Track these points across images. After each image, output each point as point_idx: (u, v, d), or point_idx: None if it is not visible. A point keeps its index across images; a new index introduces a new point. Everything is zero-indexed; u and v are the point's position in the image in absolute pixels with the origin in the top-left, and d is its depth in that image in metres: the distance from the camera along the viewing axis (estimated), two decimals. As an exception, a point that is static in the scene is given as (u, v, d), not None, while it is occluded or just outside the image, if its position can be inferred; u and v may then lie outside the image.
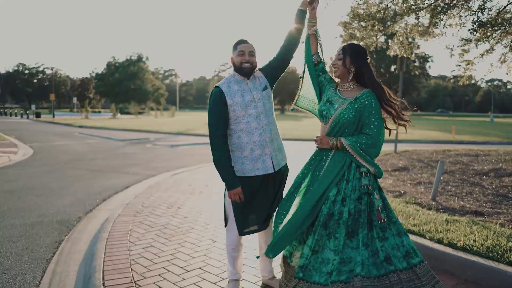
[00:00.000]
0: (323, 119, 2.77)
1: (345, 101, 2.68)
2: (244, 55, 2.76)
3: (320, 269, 2.55)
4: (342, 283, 2.45)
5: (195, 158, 11.72)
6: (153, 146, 15.56)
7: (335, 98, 2.74)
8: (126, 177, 8.28)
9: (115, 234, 4.40)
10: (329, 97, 2.77)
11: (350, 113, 2.64)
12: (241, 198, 2.77)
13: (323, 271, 2.54)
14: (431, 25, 6.19)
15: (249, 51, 2.77)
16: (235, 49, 2.81)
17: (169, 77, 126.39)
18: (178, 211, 5.45)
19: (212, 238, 4.33)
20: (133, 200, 6.08)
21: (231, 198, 2.79)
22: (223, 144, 2.75)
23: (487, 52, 9.81)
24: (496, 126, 36.08)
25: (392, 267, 2.50)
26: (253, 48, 2.82)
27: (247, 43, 2.79)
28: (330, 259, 2.54)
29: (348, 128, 2.66)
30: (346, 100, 2.69)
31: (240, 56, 2.76)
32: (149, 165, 10.16)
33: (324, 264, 2.55)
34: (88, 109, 46.07)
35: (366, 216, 2.57)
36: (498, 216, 4.54)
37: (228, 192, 2.79)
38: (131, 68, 70.86)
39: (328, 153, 2.73)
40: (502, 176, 6.87)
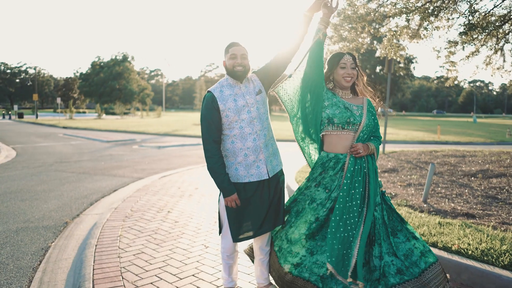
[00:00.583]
0: (348, 126, 2.66)
1: (360, 108, 2.73)
2: (236, 58, 2.69)
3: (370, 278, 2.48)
4: None
5: (183, 160, 11.60)
6: (139, 147, 15.36)
7: (348, 105, 2.72)
8: (113, 180, 8.12)
9: (104, 240, 4.29)
10: (344, 104, 2.72)
11: (372, 119, 2.74)
12: (237, 204, 2.72)
13: (372, 279, 2.47)
14: (421, 27, 6.22)
15: (241, 54, 2.70)
16: (227, 52, 2.74)
17: (155, 77, 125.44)
18: (168, 215, 5.35)
19: (204, 243, 4.25)
20: (121, 204, 5.95)
21: (228, 204, 2.73)
22: (216, 151, 2.69)
23: (473, 54, 9.95)
24: (479, 127, 36.74)
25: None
26: (246, 51, 2.75)
27: (239, 45, 2.73)
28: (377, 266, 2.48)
29: (371, 133, 2.75)
30: (360, 107, 2.74)
31: (232, 59, 2.70)
32: (137, 167, 10.01)
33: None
34: (72, 110, 45.33)
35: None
36: (489, 218, 4.56)
37: (224, 199, 2.73)
38: (116, 68, 69.99)
39: (363, 159, 2.64)
40: (490, 177, 6.94)
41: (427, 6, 5.65)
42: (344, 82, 2.74)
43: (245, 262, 3.73)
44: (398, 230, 2.63)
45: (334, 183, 2.63)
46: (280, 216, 2.83)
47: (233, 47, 2.71)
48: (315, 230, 2.60)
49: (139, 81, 74.35)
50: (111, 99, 68.94)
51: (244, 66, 2.71)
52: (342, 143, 2.67)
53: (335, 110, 2.68)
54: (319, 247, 2.57)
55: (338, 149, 2.68)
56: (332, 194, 2.62)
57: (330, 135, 2.70)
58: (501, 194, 5.75)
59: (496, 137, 24.16)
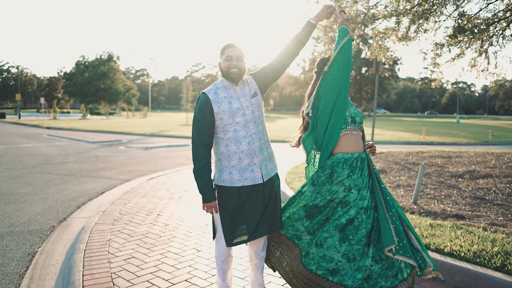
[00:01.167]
0: (356, 125, 2.71)
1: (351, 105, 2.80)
2: (231, 60, 2.65)
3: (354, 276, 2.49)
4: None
5: (171, 161, 11.49)
6: (126, 148, 15.16)
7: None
8: (100, 182, 7.99)
9: (93, 244, 4.19)
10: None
11: None
12: (215, 212, 2.73)
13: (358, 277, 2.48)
14: (410, 29, 6.27)
15: (236, 56, 2.66)
16: (222, 54, 2.70)
17: (141, 77, 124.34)
18: (158, 218, 5.27)
19: (196, 247, 4.19)
20: (109, 207, 5.84)
21: (205, 210, 2.73)
22: (205, 155, 2.65)
23: (458, 56, 10.10)
24: (463, 127, 37.36)
25: None
26: (242, 53, 2.71)
27: (235, 47, 2.69)
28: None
29: None
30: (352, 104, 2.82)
31: (227, 61, 2.66)
32: (124, 168, 9.87)
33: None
34: (56, 110, 44.61)
35: None
36: (478, 219, 4.61)
37: (203, 204, 2.70)
38: (102, 68, 69.07)
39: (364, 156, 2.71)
40: (476, 178, 7.04)
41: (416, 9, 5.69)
42: None
43: (239, 266, 3.69)
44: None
45: (363, 182, 2.60)
46: (277, 221, 2.79)
47: (229, 49, 2.67)
48: (350, 233, 2.52)
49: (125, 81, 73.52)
50: (96, 99, 68.02)
51: (239, 68, 2.67)
52: (358, 142, 2.70)
53: (355, 109, 2.73)
54: (355, 252, 2.49)
55: (357, 148, 2.68)
56: (362, 192, 2.57)
57: (348, 135, 2.67)
58: (489, 195, 5.83)
59: (480, 137, 24.61)
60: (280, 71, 2.86)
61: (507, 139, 24.12)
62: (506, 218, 4.65)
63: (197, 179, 2.66)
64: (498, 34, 9.01)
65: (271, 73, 2.84)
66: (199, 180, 2.65)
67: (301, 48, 2.87)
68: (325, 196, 2.62)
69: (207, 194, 2.66)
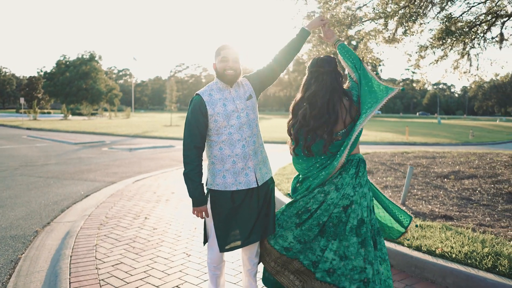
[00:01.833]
0: None
1: None
2: (227, 62, 2.60)
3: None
4: None
5: (156, 163, 11.34)
6: (109, 149, 14.92)
7: None
8: (84, 184, 7.81)
9: (79, 250, 4.07)
10: None
11: None
12: (206, 216, 2.67)
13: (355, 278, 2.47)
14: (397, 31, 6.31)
15: (233, 57, 2.61)
16: (218, 55, 2.64)
17: (123, 77, 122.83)
18: (145, 221, 5.17)
19: (186, 251, 4.11)
20: (95, 210, 5.71)
21: (195, 214, 2.67)
22: (196, 158, 2.59)
23: (441, 58, 10.26)
24: (444, 128, 38.07)
25: None
26: (238, 54, 2.67)
27: (231, 48, 2.63)
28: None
29: None
30: None
31: (223, 62, 2.61)
32: (108, 170, 9.68)
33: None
34: (36, 110, 43.63)
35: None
36: (466, 220, 4.66)
37: (193, 208, 2.64)
38: (83, 67, 67.90)
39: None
40: (462, 179, 7.14)
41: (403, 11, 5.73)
42: None
43: (231, 271, 3.63)
44: None
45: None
46: (270, 226, 2.75)
47: (225, 50, 2.61)
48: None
49: (107, 81, 72.47)
50: (78, 99, 66.83)
51: (235, 70, 2.62)
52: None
53: None
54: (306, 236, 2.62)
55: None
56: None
57: None
58: (475, 196, 5.91)
59: (461, 138, 25.11)
60: (275, 75, 2.86)
61: (487, 139, 24.68)
62: (493, 219, 4.72)
63: (188, 182, 2.59)
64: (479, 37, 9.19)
65: (266, 77, 2.82)
66: (189, 183, 2.59)
67: (295, 53, 2.92)
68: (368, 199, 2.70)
69: (198, 198, 2.59)
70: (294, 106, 2.79)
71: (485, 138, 25.56)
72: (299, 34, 2.86)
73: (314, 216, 2.59)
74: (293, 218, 2.68)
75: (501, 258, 3.29)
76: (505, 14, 9.16)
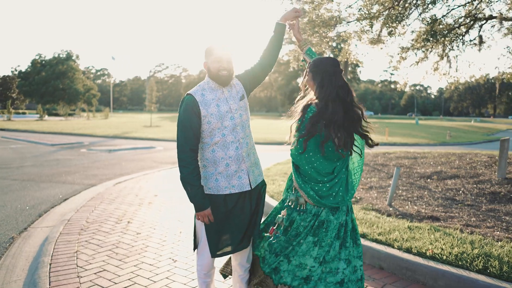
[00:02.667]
0: None
1: None
2: (221, 62, 2.50)
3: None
4: None
5: (137, 164, 11.09)
6: (88, 151, 14.54)
7: None
8: (63, 187, 7.55)
9: (60, 257, 3.89)
10: None
11: None
12: (210, 220, 2.52)
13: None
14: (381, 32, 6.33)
15: (227, 57, 2.52)
16: (210, 55, 2.53)
17: (101, 77, 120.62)
18: (128, 226, 5.00)
19: (171, 257, 3.98)
20: (74, 214, 5.50)
21: (199, 220, 2.52)
22: (192, 161, 2.47)
23: (422, 60, 10.40)
24: (422, 128, 38.78)
25: None
26: (231, 54, 2.58)
27: (225, 49, 2.54)
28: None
29: None
30: None
31: (217, 62, 2.50)
32: (87, 172, 9.41)
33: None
34: (10, 110, 42.35)
35: None
36: (453, 221, 4.69)
37: (196, 213, 2.51)
38: (60, 67, 66.28)
39: None
40: (444, 179, 7.21)
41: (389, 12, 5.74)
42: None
43: (219, 276, 3.52)
44: None
45: None
46: (257, 230, 2.67)
47: (218, 50, 2.51)
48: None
49: (85, 80, 70.95)
50: (54, 100, 65.17)
51: (229, 71, 2.53)
52: None
53: None
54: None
55: None
56: None
57: None
58: (458, 196, 5.97)
59: (438, 138, 25.63)
60: (264, 73, 2.81)
61: (463, 140, 25.27)
62: (478, 219, 4.75)
63: (186, 186, 2.47)
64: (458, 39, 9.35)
65: (255, 76, 2.76)
66: (188, 187, 2.46)
67: (278, 49, 2.86)
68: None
69: (200, 202, 2.46)
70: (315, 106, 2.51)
71: (462, 139, 26.16)
72: (275, 30, 2.80)
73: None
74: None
75: (492, 259, 3.29)
76: (483, 17, 9.35)
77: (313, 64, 2.56)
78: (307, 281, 2.44)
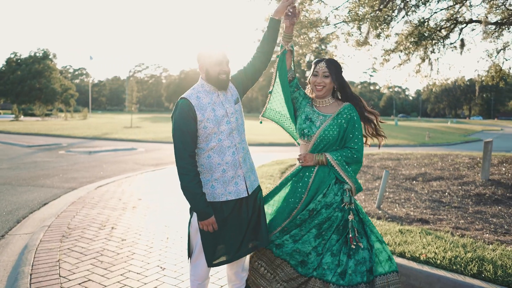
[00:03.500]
0: (304, 137, 2.67)
1: (326, 118, 2.64)
2: (222, 65, 2.39)
3: None
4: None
5: (118, 167, 10.83)
6: (67, 153, 14.14)
7: (314, 115, 2.67)
8: (41, 191, 7.27)
9: (41, 267, 3.69)
10: (308, 114, 2.68)
11: (334, 130, 2.60)
12: (214, 228, 2.41)
13: None
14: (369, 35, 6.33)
15: (226, 60, 2.43)
16: (209, 57, 2.41)
17: (79, 77, 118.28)
18: (112, 232, 4.82)
19: (159, 264, 3.83)
20: (55, 220, 5.27)
21: (203, 228, 2.41)
22: (192, 167, 2.36)
23: (404, 62, 10.52)
24: (401, 129, 39.37)
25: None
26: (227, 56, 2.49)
27: (222, 50, 2.43)
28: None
29: (333, 144, 2.62)
30: (327, 117, 2.64)
31: (218, 65, 2.39)
32: (66, 175, 9.11)
33: None
34: (-17, 111, 40.94)
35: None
36: (442, 223, 4.69)
37: (200, 222, 2.40)
38: (36, 66, 64.48)
39: (312, 169, 2.63)
40: (429, 181, 7.27)
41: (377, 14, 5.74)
42: (315, 91, 2.66)
43: (212, 285, 3.40)
44: None
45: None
46: (263, 237, 2.56)
47: (217, 52, 2.40)
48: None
49: (62, 80, 69.21)
50: (30, 100, 63.36)
51: (227, 74, 2.43)
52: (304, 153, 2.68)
53: (300, 122, 2.68)
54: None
55: None
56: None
57: (302, 145, 2.71)
58: (445, 198, 6.01)
59: (418, 139, 26.05)
60: (258, 73, 2.73)
61: (442, 141, 25.76)
62: (467, 221, 4.78)
63: (188, 195, 2.35)
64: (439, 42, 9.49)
65: (248, 77, 2.68)
66: (190, 196, 2.34)
67: (273, 46, 2.76)
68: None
69: (204, 211, 2.35)
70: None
71: (440, 140, 26.67)
72: (268, 25, 2.70)
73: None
74: None
75: (485, 264, 3.28)
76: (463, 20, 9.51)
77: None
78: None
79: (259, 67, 2.70)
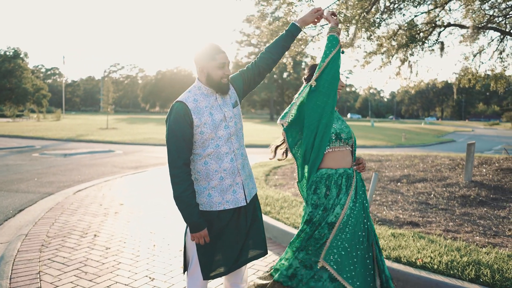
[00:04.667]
0: (346, 140, 2.57)
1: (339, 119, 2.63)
2: (224, 68, 2.26)
3: None
4: None
5: (96, 170, 10.49)
6: (41, 155, 13.63)
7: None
8: (16, 197, 6.93)
9: (20, 280, 3.46)
10: (340, 117, 2.65)
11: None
12: (206, 241, 2.28)
13: None
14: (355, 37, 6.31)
15: (228, 62, 2.29)
16: (212, 59, 2.25)
17: (52, 77, 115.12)
18: (95, 240, 4.60)
19: (148, 274, 3.66)
20: (32, 228, 5.00)
21: (194, 241, 2.27)
22: (186, 176, 2.21)
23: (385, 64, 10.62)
24: (377, 130, 40.01)
25: None
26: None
27: (225, 52, 2.30)
28: None
29: None
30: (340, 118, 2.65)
31: (221, 69, 2.25)
32: (42, 179, 8.74)
33: None
34: (-50, 111, 39.26)
35: None
36: (431, 226, 4.69)
37: (192, 234, 2.26)
38: (6, 65, 62.23)
39: (353, 173, 2.58)
40: (414, 182, 7.32)
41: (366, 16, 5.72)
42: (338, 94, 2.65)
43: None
44: None
45: (340, 200, 2.45)
46: (262, 246, 2.46)
47: (220, 54, 2.26)
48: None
49: (34, 80, 67.11)
50: (0, 100, 61.16)
51: (229, 77, 2.31)
52: (346, 159, 2.55)
53: (341, 125, 2.55)
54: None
55: (344, 164, 2.55)
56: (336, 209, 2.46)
57: (332, 152, 2.53)
58: (431, 200, 6.04)
59: (394, 140, 26.52)
60: (261, 76, 2.58)
61: (417, 142, 26.32)
62: (456, 224, 4.80)
63: (181, 206, 2.20)
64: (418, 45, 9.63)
65: (251, 79, 2.53)
66: (183, 207, 2.20)
67: (283, 52, 2.63)
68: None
69: (196, 222, 2.20)
70: None
71: (416, 141, 27.22)
72: (288, 29, 2.58)
73: None
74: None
75: (482, 268, 3.26)
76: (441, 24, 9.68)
77: None
78: None
79: (264, 70, 2.55)
